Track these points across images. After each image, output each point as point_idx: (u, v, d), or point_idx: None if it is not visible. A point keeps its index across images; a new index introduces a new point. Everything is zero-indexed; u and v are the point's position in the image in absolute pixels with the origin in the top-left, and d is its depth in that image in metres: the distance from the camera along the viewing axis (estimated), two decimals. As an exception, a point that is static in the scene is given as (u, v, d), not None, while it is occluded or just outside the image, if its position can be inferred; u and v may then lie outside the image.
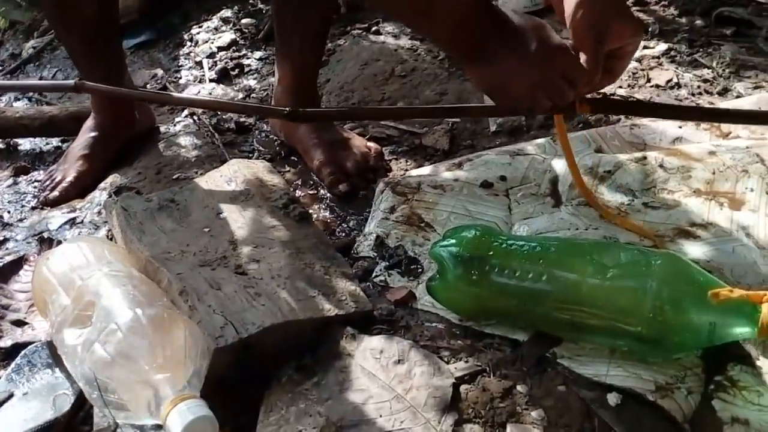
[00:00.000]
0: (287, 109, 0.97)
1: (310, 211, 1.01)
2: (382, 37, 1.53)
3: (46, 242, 1.02)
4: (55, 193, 1.16)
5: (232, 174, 1.04)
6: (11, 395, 0.73)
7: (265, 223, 0.93)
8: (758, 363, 0.68)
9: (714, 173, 0.93)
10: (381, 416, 0.67)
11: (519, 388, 0.69)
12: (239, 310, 0.75)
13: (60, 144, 1.38)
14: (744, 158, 0.93)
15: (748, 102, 1.05)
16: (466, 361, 0.73)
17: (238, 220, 0.94)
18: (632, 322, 0.65)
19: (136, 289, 0.70)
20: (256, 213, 0.95)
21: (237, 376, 0.72)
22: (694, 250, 0.81)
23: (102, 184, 1.18)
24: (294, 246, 0.88)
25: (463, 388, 0.70)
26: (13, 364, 0.78)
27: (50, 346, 0.80)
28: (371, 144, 1.15)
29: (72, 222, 1.09)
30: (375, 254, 0.91)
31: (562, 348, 0.72)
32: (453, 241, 0.77)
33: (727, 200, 0.89)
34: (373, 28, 1.57)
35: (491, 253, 0.73)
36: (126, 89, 1.15)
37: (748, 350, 0.70)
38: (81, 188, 1.18)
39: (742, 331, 0.64)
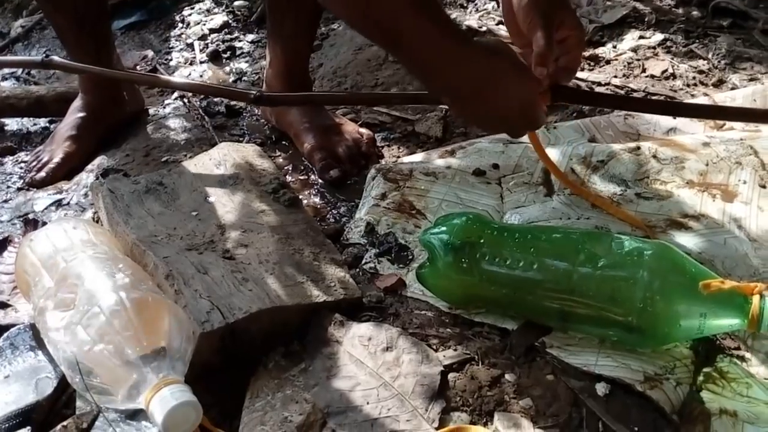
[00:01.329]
0: (254, 92, 0.99)
1: (300, 196, 1.00)
2: (376, 22, 1.51)
3: (31, 224, 1.01)
4: (42, 174, 1.15)
5: (221, 157, 1.02)
6: (-7, 378, 0.72)
7: (255, 208, 0.92)
8: (747, 355, 0.68)
9: (707, 165, 0.92)
10: (368, 403, 0.66)
11: (507, 376, 0.69)
12: (226, 294, 0.74)
13: (47, 125, 1.36)
14: (738, 150, 0.93)
15: (743, 94, 1.05)
16: (455, 349, 0.72)
17: (226, 204, 0.93)
18: (622, 312, 0.65)
19: (121, 272, 0.69)
20: (245, 197, 0.94)
21: (222, 361, 0.72)
22: (685, 241, 0.81)
23: (89, 166, 1.17)
24: (283, 231, 0.87)
25: (451, 376, 0.69)
26: (-4, 346, 0.76)
27: (33, 328, 0.79)
28: (363, 130, 1.14)
29: (58, 203, 1.08)
30: (365, 241, 0.90)
31: (552, 337, 0.72)
32: (444, 228, 0.76)
33: (719, 192, 0.89)
34: (368, 13, 1.55)
35: (482, 241, 0.73)
36: (95, 67, 1.11)
37: (738, 342, 0.69)
38: (68, 169, 1.16)
39: (732, 322, 0.63)
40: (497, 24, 1.43)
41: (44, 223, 1.00)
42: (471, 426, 0.63)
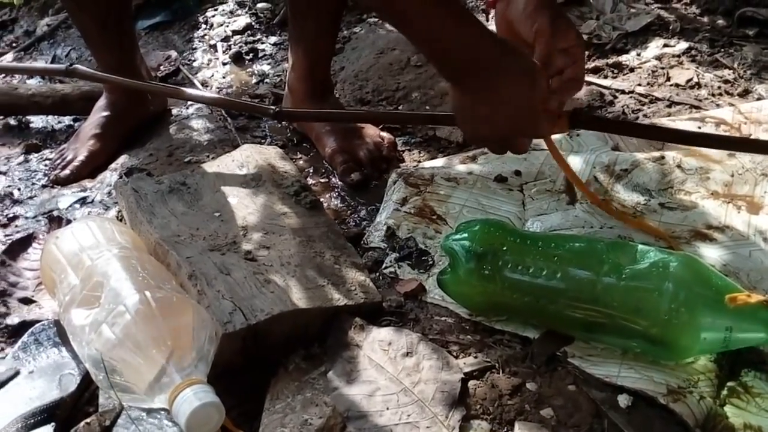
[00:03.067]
0: (273, 108, 1.03)
1: (321, 199, 1.00)
2: (398, 26, 1.51)
3: (56, 221, 1.02)
4: (66, 171, 1.16)
5: (244, 159, 1.03)
6: (17, 373, 0.73)
7: (276, 210, 0.92)
8: (773, 370, 0.67)
9: (733, 176, 0.91)
10: (388, 409, 0.66)
11: (528, 386, 0.69)
12: (248, 296, 0.74)
13: (72, 123, 1.37)
14: (764, 161, 0.92)
15: (770, 105, 1.04)
16: (475, 357, 0.72)
17: (249, 205, 0.93)
18: (647, 323, 0.64)
19: (145, 272, 0.70)
20: (267, 199, 0.94)
21: (244, 362, 0.72)
22: (710, 253, 0.80)
23: (113, 165, 1.18)
24: (305, 234, 0.88)
25: (471, 383, 0.69)
26: (19, 342, 0.77)
27: (57, 324, 0.80)
28: (384, 134, 1.14)
29: (82, 201, 1.09)
30: (385, 245, 0.90)
31: (574, 347, 0.71)
32: (466, 235, 0.76)
33: (745, 203, 0.88)
34: (390, 17, 1.55)
35: (505, 248, 0.72)
36: (117, 77, 1.14)
37: (763, 356, 0.68)
38: (92, 168, 1.17)
39: (758, 336, 0.63)
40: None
41: (69, 221, 1.01)
42: (492, 434, 0.62)
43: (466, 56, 0.70)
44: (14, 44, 1.76)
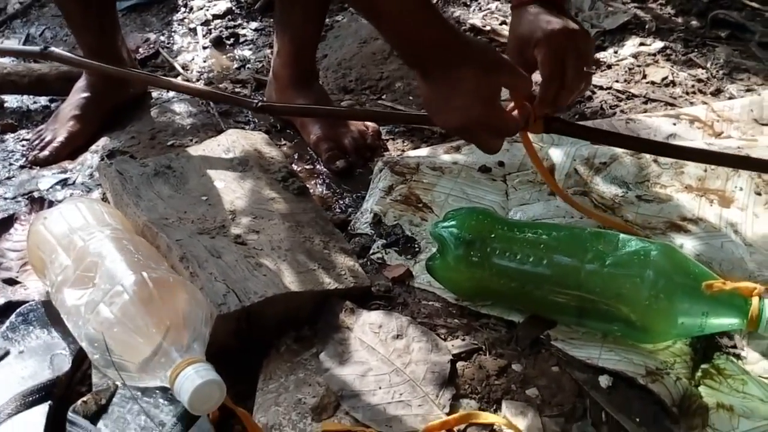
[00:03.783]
0: (256, 101, 1.05)
1: (306, 185, 1.01)
2: (380, 16, 1.52)
3: (38, 202, 1.01)
4: (45, 152, 1.14)
5: (230, 144, 1.03)
6: (7, 353, 0.73)
7: (265, 195, 0.93)
8: (743, 353, 0.71)
9: (706, 171, 0.95)
10: (380, 388, 0.68)
11: (514, 367, 0.71)
12: (241, 279, 0.75)
13: (48, 103, 1.35)
14: (735, 158, 0.96)
15: (741, 104, 1.08)
16: (463, 339, 0.75)
17: (236, 190, 0.94)
18: (628, 308, 0.67)
19: (139, 253, 0.70)
20: (255, 184, 0.95)
21: (237, 344, 0.73)
22: (684, 244, 0.84)
23: (93, 147, 1.17)
24: (293, 219, 0.89)
25: (459, 364, 0.72)
26: (7, 322, 0.77)
27: (46, 305, 0.79)
28: (369, 122, 1.15)
29: (63, 183, 1.08)
30: (372, 232, 0.92)
31: (556, 331, 0.74)
32: (454, 222, 0.78)
33: (717, 197, 0.92)
34: (372, 7, 1.56)
35: (493, 235, 0.75)
36: (93, 62, 1.14)
37: (734, 341, 0.72)
38: (72, 149, 1.16)
39: (732, 322, 0.66)
40: (501, 24, 1.45)
41: (51, 202, 1.00)
42: (482, 412, 0.65)
43: (430, 45, 0.72)
44: (-15, 21, 1.71)
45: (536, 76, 0.82)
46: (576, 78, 0.80)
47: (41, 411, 0.64)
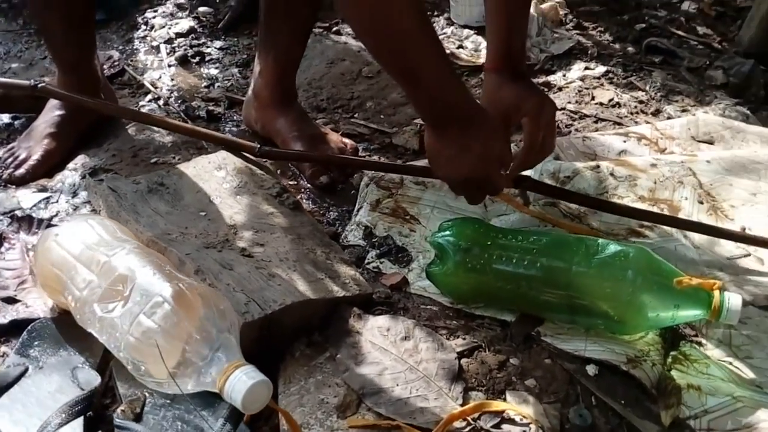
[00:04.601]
0: (258, 146, 1.09)
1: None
2: (343, 38, 1.59)
3: (25, 220, 1.01)
4: (21, 170, 1.14)
5: (220, 161, 1.07)
6: (26, 369, 0.74)
7: (263, 210, 0.97)
8: (703, 341, 0.82)
9: (655, 183, 1.08)
10: (398, 385, 0.74)
11: (512, 361, 0.79)
12: (258, 288, 0.80)
13: (11, 120, 1.33)
14: (679, 171, 1.09)
15: (680, 123, 1.22)
16: (464, 339, 0.82)
17: (233, 205, 0.98)
18: (611, 304, 0.77)
19: (167, 265, 0.74)
20: (252, 200, 0.99)
21: (258, 351, 0.77)
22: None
23: (71, 164, 1.17)
24: (294, 232, 0.94)
25: (463, 361, 0.79)
26: (21, 340, 0.78)
27: (56, 321, 0.81)
28: (347, 140, 1.22)
29: (46, 201, 1.08)
30: (365, 243, 0.98)
31: (545, 327, 0.83)
32: (451, 231, 0.86)
33: (666, 206, 1.04)
34: (334, 28, 1.63)
35: (489, 243, 0.83)
36: (89, 99, 1.17)
37: (695, 331, 0.84)
38: (48, 167, 1.16)
39: (697, 313, 0.77)
40: (458, 48, 1.55)
41: (40, 220, 1.01)
42: (493, 401, 0.72)
43: (454, 111, 0.84)
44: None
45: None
46: (551, 145, 0.95)
47: (78, 422, 0.66)
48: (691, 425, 0.72)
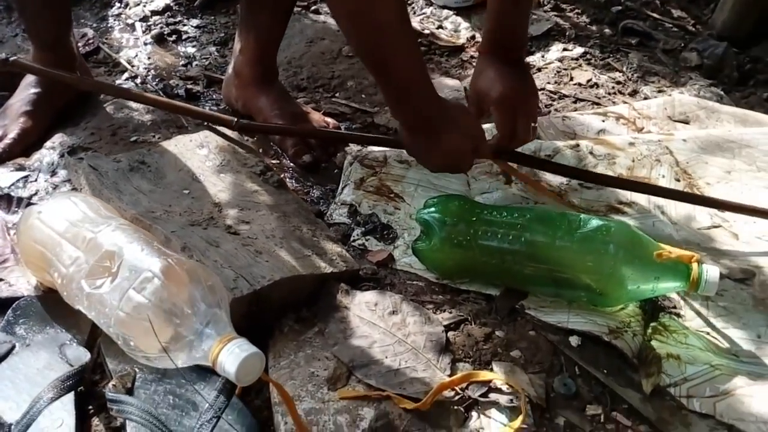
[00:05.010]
0: (235, 120, 1.09)
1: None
2: (322, 17, 1.58)
3: (4, 199, 0.99)
4: (-3, 150, 1.11)
5: (202, 139, 1.06)
6: (13, 347, 0.73)
7: (247, 188, 0.97)
8: (681, 312, 0.85)
9: (633, 161, 1.10)
10: (387, 357, 0.75)
11: (497, 333, 0.81)
12: (245, 265, 0.80)
13: (-17, 99, 1.30)
14: (657, 150, 1.11)
15: (656, 103, 1.25)
16: (450, 312, 0.84)
17: (217, 183, 0.98)
18: (594, 277, 0.79)
19: (154, 241, 0.73)
20: (235, 178, 0.99)
21: (247, 326, 0.77)
22: (624, 223, 0.97)
23: (48, 143, 1.15)
24: (279, 210, 0.94)
25: (450, 334, 0.80)
26: (6, 318, 0.77)
27: (41, 299, 0.80)
28: (329, 119, 1.21)
29: (25, 179, 1.06)
30: (350, 221, 0.99)
31: (529, 301, 0.85)
32: (437, 208, 0.87)
33: (644, 184, 1.06)
34: (313, 7, 1.62)
35: (474, 219, 0.84)
36: (64, 74, 1.14)
37: (673, 303, 0.86)
38: (24, 146, 1.13)
39: (676, 285, 0.80)
40: (438, 28, 1.55)
41: (19, 199, 0.99)
42: (480, 371, 0.74)
43: (425, 109, 0.87)
44: None
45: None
46: (524, 132, 0.97)
47: (69, 397, 0.66)
48: (671, 392, 0.74)
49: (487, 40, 0.99)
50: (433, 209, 0.87)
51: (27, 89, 1.19)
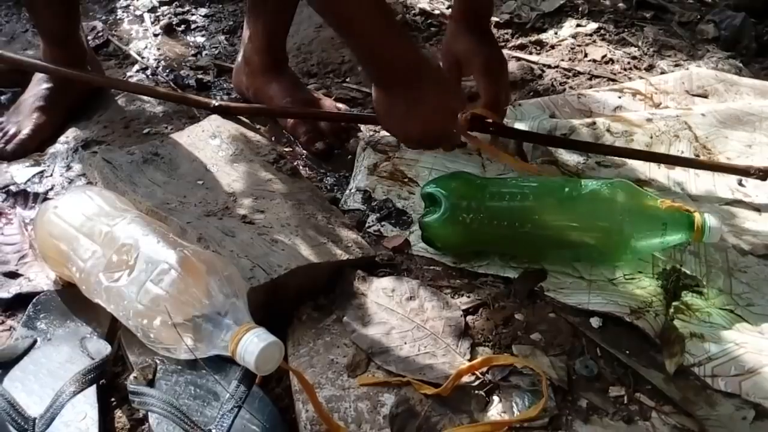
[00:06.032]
0: (215, 102, 1.10)
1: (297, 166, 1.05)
2: (331, 2, 1.57)
3: (21, 195, 1.00)
4: (12, 145, 1.12)
5: (214, 129, 1.06)
6: (35, 341, 0.74)
7: (261, 177, 0.97)
8: (704, 290, 0.84)
9: (652, 137, 1.08)
10: (406, 343, 0.75)
11: (516, 316, 0.80)
12: (261, 254, 0.80)
13: (-6, 95, 1.30)
14: (675, 125, 1.09)
15: (673, 77, 1.22)
16: (468, 297, 0.83)
17: (231, 173, 0.97)
18: (605, 228, 0.80)
19: (170, 233, 0.73)
20: (249, 167, 0.99)
21: (264, 315, 0.77)
22: (643, 201, 0.96)
23: (62, 138, 1.15)
24: (293, 198, 0.93)
25: (469, 318, 0.80)
26: (27, 313, 0.78)
27: (60, 294, 0.81)
28: (340, 105, 1.20)
29: (40, 175, 1.06)
30: (365, 207, 0.98)
31: (548, 283, 0.84)
32: (440, 181, 0.87)
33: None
34: (321, -8, 1.60)
35: (479, 187, 0.85)
36: (43, 64, 1.15)
37: (696, 281, 0.85)
38: (39, 141, 1.14)
39: (681, 237, 0.81)
40: (447, 8, 1.53)
41: (36, 195, 1.00)
42: (500, 355, 0.73)
43: (397, 64, 0.83)
44: None
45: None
46: (507, 99, 0.98)
47: (92, 390, 0.67)
48: (695, 372, 0.73)
49: (459, 7, 0.98)
50: (439, 182, 0.86)
51: (39, 84, 1.19)
